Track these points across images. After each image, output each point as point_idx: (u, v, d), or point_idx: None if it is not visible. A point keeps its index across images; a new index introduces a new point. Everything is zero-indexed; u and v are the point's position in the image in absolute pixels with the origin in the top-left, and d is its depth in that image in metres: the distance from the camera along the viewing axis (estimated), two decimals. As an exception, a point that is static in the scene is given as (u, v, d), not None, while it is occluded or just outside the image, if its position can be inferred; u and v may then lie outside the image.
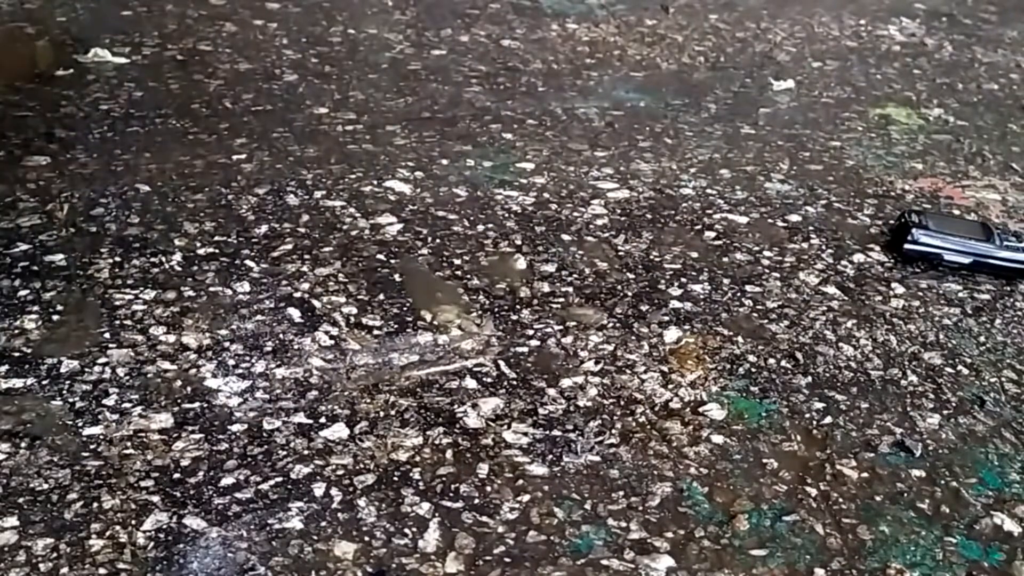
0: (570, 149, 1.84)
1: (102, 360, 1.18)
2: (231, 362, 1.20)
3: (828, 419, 1.17)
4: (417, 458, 1.06)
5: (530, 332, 1.29)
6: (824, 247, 1.56)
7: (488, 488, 1.03)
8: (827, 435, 1.14)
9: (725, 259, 1.51)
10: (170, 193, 1.58)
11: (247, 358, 1.20)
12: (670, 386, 1.21)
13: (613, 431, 1.13)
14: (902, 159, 1.93)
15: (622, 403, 1.17)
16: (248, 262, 1.40)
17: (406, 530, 0.97)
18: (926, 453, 1.13)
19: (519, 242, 1.51)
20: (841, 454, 1.12)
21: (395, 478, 1.04)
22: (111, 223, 1.48)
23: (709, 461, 1.09)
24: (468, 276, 1.41)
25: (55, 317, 1.26)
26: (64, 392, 1.13)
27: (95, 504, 0.98)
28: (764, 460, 1.10)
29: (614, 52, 2.37)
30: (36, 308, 1.27)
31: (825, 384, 1.23)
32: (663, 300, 1.39)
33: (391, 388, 1.17)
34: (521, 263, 1.45)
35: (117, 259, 1.39)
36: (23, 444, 1.05)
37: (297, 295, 1.33)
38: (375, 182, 1.66)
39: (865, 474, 1.09)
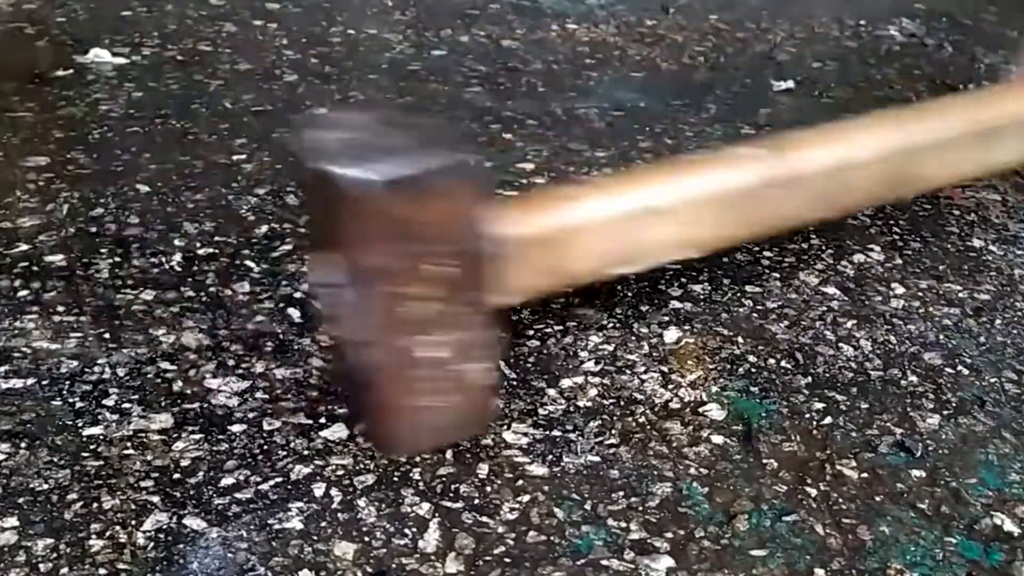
0: (570, 149, 1.84)
1: (102, 360, 1.18)
2: (231, 362, 1.20)
3: (828, 419, 1.17)
4: (417, 458, 1.06)
5: (530, 332, 1.29)
6: (824, 247, 1.56)
7: (488, 488, 1.03)
8: (827, 435, 1.14)
9: (725, 259, 1.51)
10: (170, 193, 1.58)
11: (247, 358, 1.20)
12: (670, 386, 1.21)
13: (613, 431, 1.13)
14: (902, 159, 1.93)
15: (622, 403, 1.17)
16: (248, 262, 1.40)
17: (406, 530, 0.97)
18: (926, 453, 1.13)
19: (519, 242, 1.51)
20: (841, 454, 1.12)
21: (395, 478, 1.04)
22: (111, 223, 1.48)
23: (709, 461, 1.09)
24: (468, 276, 1.41)
25: (55, 317, 1.26)
26: (64, 392, 1.13)
27: (95, 504, 0.98)
28: (764, 460, 1.10)
29: (614, 52, 2.37)
30: (36, 308, 1.27)
31: (825, 384, 1.23)
32: (663, 300, 1.38)
33: (391, 388, 1.17)
34: (521, 263, 1.45)
35: (117, 259, 1.39)
36: (23, 444, 1.05)
37: (297, 295, 1.33)
38: (375, 182, 1.66)
39: (865, 474, 1.09)
